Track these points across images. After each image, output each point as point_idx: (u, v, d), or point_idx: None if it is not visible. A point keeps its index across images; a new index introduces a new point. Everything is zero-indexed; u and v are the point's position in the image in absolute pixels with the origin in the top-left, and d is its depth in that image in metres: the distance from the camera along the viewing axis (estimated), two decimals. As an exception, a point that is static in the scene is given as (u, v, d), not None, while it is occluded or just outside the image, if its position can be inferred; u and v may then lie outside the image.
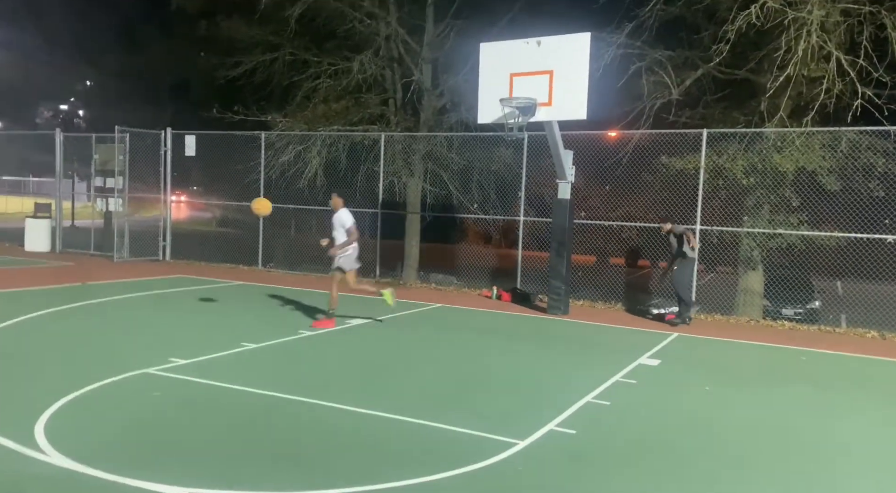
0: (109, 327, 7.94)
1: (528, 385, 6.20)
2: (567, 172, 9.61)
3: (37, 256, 15.18)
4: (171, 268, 14.23)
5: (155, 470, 3.87)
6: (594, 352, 7.81)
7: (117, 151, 14.72)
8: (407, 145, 14.92)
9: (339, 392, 5.55)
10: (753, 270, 12.17)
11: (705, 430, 5.18)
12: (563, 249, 9.95)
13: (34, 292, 10.23)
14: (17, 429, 4.40)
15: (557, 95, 8.54)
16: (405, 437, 4.68)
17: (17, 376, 5.75)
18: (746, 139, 11.27)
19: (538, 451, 4.50)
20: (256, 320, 8.94)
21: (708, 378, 6.77)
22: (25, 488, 3.67)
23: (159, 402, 5.24)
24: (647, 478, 4.15)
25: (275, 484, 3.78)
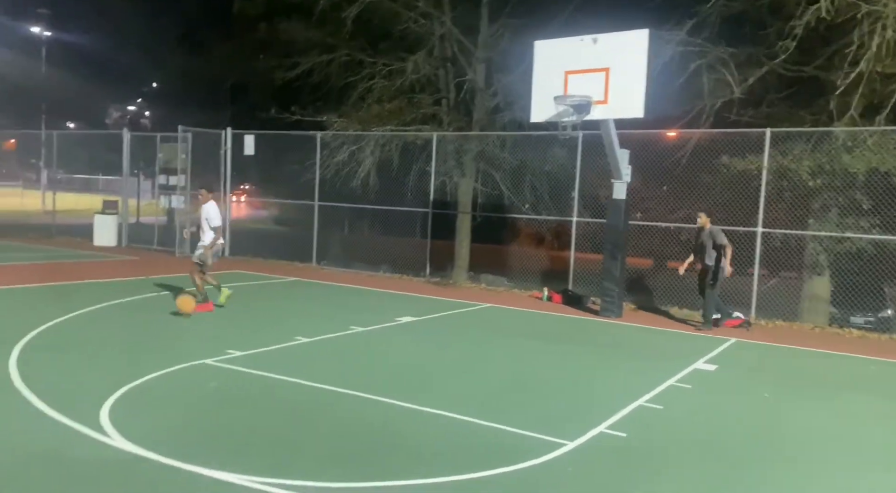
0: (169, 319, 8.22)
1: (578, 387, 6.10)
2: (623, 172, 9.42)
3: (104, 250, 15.87)
4: (229, 264, 14.64)
5: (211, 457, 3.97)
6: (648, 355, 7.63)
7: (179, 150, 15.26)
8: (459, 145, 14.92)
9: (390, 388, 5.59)
10: (819, 275, 11.65)
11: (762, 437, 4.98)
12: (618, 250, 9.76)
13: (101, 285, 10.69)
14: (84, 413, 4.60)
15: (614, 93, 8.37)
16: (455, 434, 4.67)
17: (85, 363, 6.01)
18: (813, 139, 10.80)
19: (587, 452, 4.41)
20: (309, 315, 9.10)
21: (767, 385, 6.51)
22: (93, 469, 3.82)
23: (216, 392, 5.38)
24: (698, 483, 4.02)
25: (327, 475, 3.82)
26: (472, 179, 15.10)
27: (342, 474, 3.89)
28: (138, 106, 34.08)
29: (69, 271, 12.05)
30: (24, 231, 18.30)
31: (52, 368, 5.77)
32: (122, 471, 3.80)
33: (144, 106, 33.61)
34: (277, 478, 3.73)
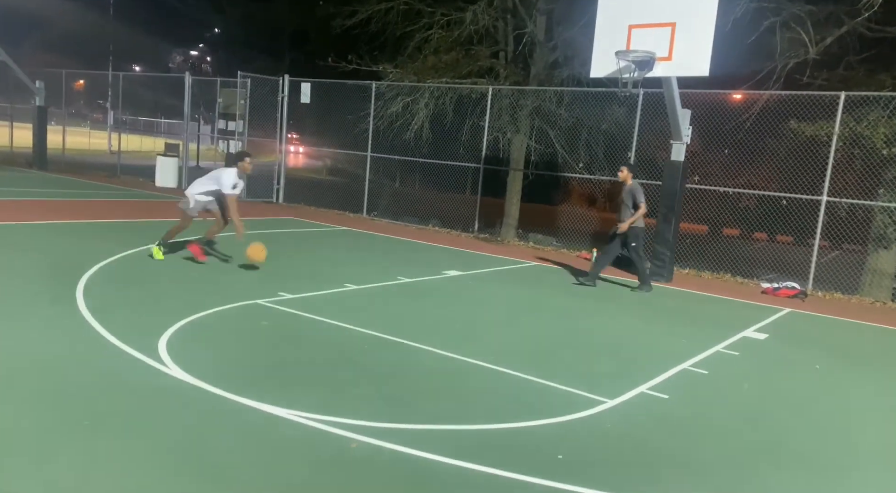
0: (224, 260, 8.51)
1: (623, 348, 6.09)
2: (683, 133, 9.12)
3: (165, 191, 16.43)
4: (283, 210, 14.98)
5: (261, 391, 4.17)
6: (696, 321, 7.53)
7: (238, 96, 15.50)
8: (515, 100, 14.66)
9: (436, 338, 5.70)
10: (886, 249, 11.16)
11: (808, 409, 4.90)
12: (672, 213, 9.54)
13: (162, 223, 11.11)
14: (143, 343, 4.87)
15: (679, 50, 8.04)
16: (497, 385, 4.76)
17: (145, 297, 6.32)
18: (893, 104, 10.19)
19: (627, 411, 4.44)
20: (359, 263, 9.28)
21: (819, 357, 6.36)
22: (151, 395, 4.06)
23: (267, 331, 5.60)
24: (736, 448, 4.01)
25: (374, 416, 3.96)
26: (526, 136, 14.87)
27: (389, 415, 4.02)
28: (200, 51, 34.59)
29: (132, 210, 12.55)
30: (92, 169, 19.08)
31: (115, 299, 6.09)
32: (177, 399, 4.02)
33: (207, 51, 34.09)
34: (325, 415, 3.89)
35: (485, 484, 3.29)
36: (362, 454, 3.48)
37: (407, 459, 3.47)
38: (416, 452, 3.53)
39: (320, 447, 3.54)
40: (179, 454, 3.37)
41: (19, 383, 4.04)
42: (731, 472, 3.69)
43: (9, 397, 3.82)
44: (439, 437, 3.77)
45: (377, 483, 3.23)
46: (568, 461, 3.59)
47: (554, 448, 3.74)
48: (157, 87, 21.55)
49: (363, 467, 3.36)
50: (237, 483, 3.12)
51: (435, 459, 3.48)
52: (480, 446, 3.71)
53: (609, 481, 3.41)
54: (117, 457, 3.25)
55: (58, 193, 14.09)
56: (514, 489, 3.28)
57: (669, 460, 3.78)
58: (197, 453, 3.39)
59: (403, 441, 3.63)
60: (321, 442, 3.60)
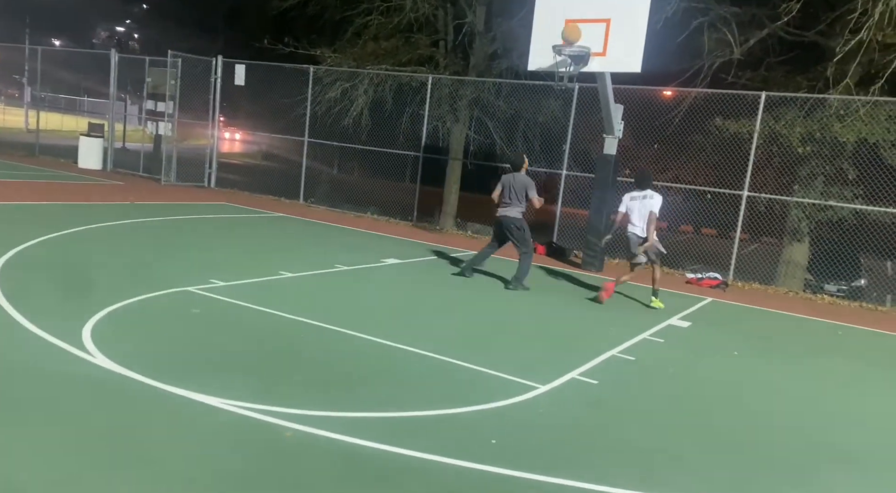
0: (154, 245, 8.23)
1: (554, 335, 6.26)
2: (615, 127, 9.41)
3: (89, 173, 15.68)
4: (215, 195, 14.56)
5: (193, 380, 4.08)
6: (624, 309, 7.81)
7: (169, 76, 14.91)
8: (454, 90, 14.71)
9: (370, 325, 5.71)
10: (799, 242, 11.87)
11: (728, 392, 5.20)
12: (604, 205, 9.83)
13: (85, 207, 10.62)
14: (66, 331, 4.67)
15: (613, 46, 8.27)
16: (432, 372, 4.82)
17: (68, 283, 6.05)
18: (807, 106, 10.81)
19: (559, 396, 4.59)
20: (295, 251, 9.16)
21: (737, 344, 6.73)
22: (75, 384, 3.92)
23: (199, 318, 5.47)
24: (664, 431, 4.21)
25: (309, 403, 3.95)
26: (465, 126, 14.97)
27: (323, 402, 4.02)
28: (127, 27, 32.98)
29: (53, 191, 11.93)
30: (7, 148, 17.97)
31: (34, 286, 5.81)
32: (104, 388, 3.90)
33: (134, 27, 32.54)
34: (259, 403, 3.85)
35: (420, 469, 3.35)
36: (297, 443, 3.48)
37: (342, 446, 3.48)
38: (351, 439, 3.55)
39: (254, 436, 3.51)
40: (108, 444, 3.28)
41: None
42: (659, 454, 3.88)
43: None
44: (375, 424, 3.81)
45: (312, 471, 3.24)
46: (501, 446, 3.69)
47: (488, 433, 3.83)
48: (80, 63, 20.48)
49: (298, 455, 3.36)
50: (169, 473, 3.06)
51: (370, 446, 3.51)
52: (415, 432, 3.76)
53: (542, 465, 3.52)
54: (39, 447, 3.13)
55: (-31, 173, 13.24)
56: (449, 474, 3.35)
57: (601, 443, 3.94)
58: (126, 443, 3.30)
59: (339, 429, 3.64)
60: (255, 431, 3.56)
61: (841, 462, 4.05)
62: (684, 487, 3.48)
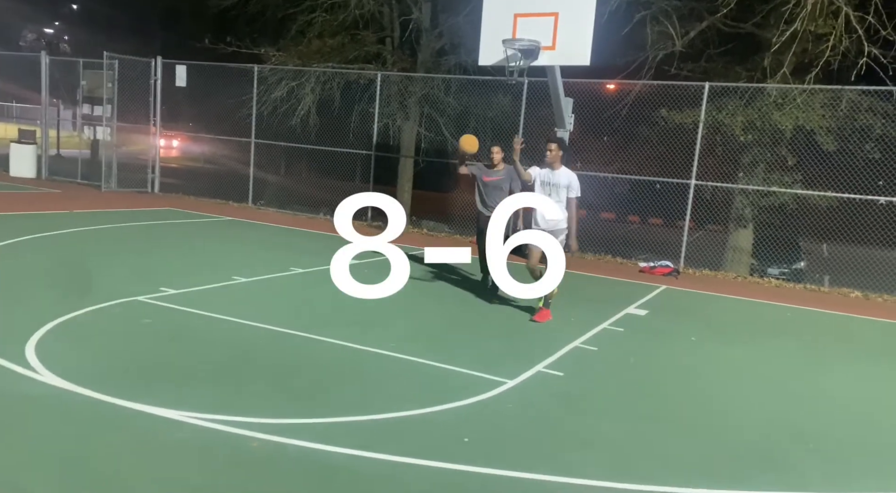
0: (98, 255, 7.87)
1: (516, 329, 6.26)
2: (566, 121, 9.48)
3: (22, 181, 14.92)
4: (159, 200, 14.08)
5: (149, 393, 3.90)
6: (582, 301, 7.89)
7: (105, 79, 14.31)
8: (403, 87, 14.61)
9: (331, 328, 5.59)
10: (744, 228, 12.25)
11: (689, 377, 5.30)
12: (558, 198, 9.90)
13: (21, 217, 10.09)
14: (8, 349, 4.40)
15: (562, 39, 8.31)
16: (398, 372, 4.74)
17: (6, 298, 5.72)
18: (748, 95, 11.15)
19: (527, 390, 4.58)
20: (247, 255, 8.90)
21: (694, 329, 6.88)
22: (21, 404, 3.68)
23: (150, 329, 5.24)
24: (631, 420, 4.25)
25: (269, 411, 3.82)
26: (416, 123, 14.88)
27: (288, 410, 3.90)
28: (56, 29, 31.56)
29: (-17, 204, 11.30)
30: (-71, 159, 16.94)
31: (-30, 303, 5.47)
32: (53, 406, 3.68)
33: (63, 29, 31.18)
34: (221, 414, 3.70)
35: (394, 474, 3.28)
36: (265, 453, 3.35)
37: (312, 454, 3.38)
38: (321, 446, 3.44)
39: (218, 449, 3.37)
40: (62, 465, 3.09)
41: None
42: (629, 443, 3.90)
43: None
44: (344, 429, 3.71)
45: (283, 482, 3.12)
46: (475, 444, 3.65)
47: (460, 432, 3.78)
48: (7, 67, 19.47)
49: (267, 466, 3.24)
50: (130, 492, 2.91)
51: (341, 452, 3.41)
52: (386, 435, 3.68)
53: (518, 461, 3.49)
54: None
55: None
56: (425, 476, 3.28)
57: (572, 435, 3.93)
58: (81, 463, 3.12)
59: (307, 437, 3.54)
60: (218, 443, 3.42)
61: (806, 443, 4.17)
62: (657, 476, 3.51)
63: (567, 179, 6.41)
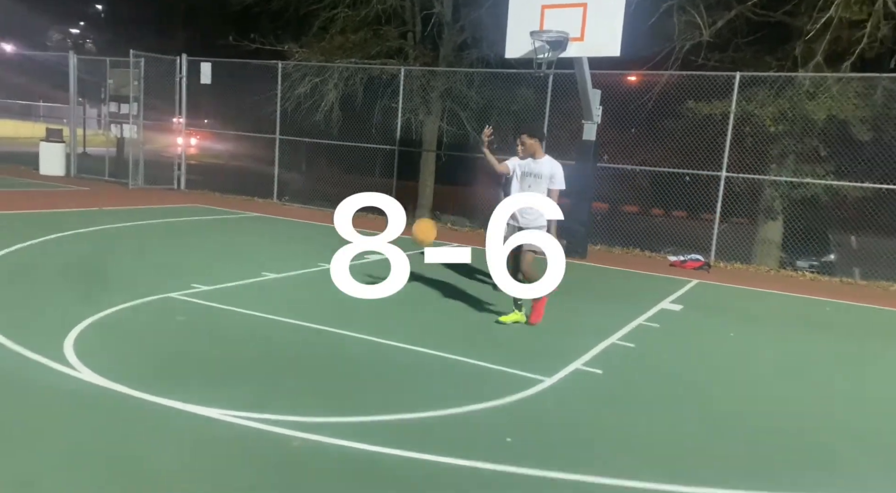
0: (129, 252, 7.94)
1: (550, 325, 6.18)
2: (594, 113, 9.36)
3: (52, 179, 15.12)
4: (186, 197, 14.18)
5: (186, 391, 3.89)
6: (615, 296, 7.79)
7: (132, 77, 14.43)
8: (426, 82, 14.54)
9: (364, 324, 5.55)
10: (773, 220, 12.01)
11: (732, 374, 5.18)
12: (586, 191, 9.79)
13: (54, 214, 10.22)
14: (47, 346, 4.43)
15: (590, 30, 8.20)
16: (434, 370, 4.69)
17: (44, 295, 5.77)
18: (778, 85, 10.91)
19: (565, 388, 4.50)
20: (275, 251, 8.92)
21: (732, 324, 6.74)
22: (61, 401, 3.70)
23: (184, 326, 5.25)
24: (675, 419, 4.16)
25: (306, 409, 3.80)
26: (438, 118, 14.80)
27: (325, 408, 3.87)
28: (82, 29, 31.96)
29: (17, 200, 11.46)
30: (-39, 159, 17.26)
31: (8, 299, 5.52)
32: (93, 404, 3.69)
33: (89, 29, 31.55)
34: (257, 412, 3.68)
35: (436, 473, 3.23)
36: (307, 453, 3.32)
37: (354, 454, 3.34)
38: (361, 446, 3.40)
39: (259, 448, 3.34)
40: (102, 463, 3.08)
41: None
42: (673, 443, 3.81)
43: None
44: (382, 428, 3.67)
45: (326, 482, 3.09)
46: (517, 444, 3.58)
47: (501, 431, 3.72)
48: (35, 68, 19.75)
49: (309, 465, 3.21)
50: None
51: (382, 452, 3.37)
52: (426, 434, 3.64)
53: (560, 461, 3.43)
54: (29, 471, 2.92)
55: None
56: (466, 476, 3.23)
57: (615, 435, 3.85)
58: (126, 462, 3.11)
59: (346, 435, 3.50)
60: (259, 442, 3.40)
61: (861, 443, 4.04)
62: (704, 477, 3.42)
63: (550, 169, 5.82)
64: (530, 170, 5.89)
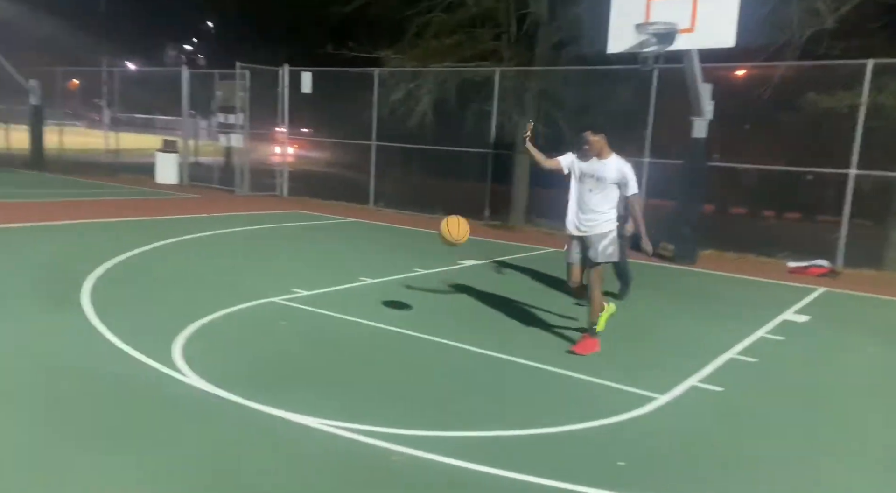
0: (234, 257, 8.19)
1: (662, 337, 5.77)
2: (705, 108, 8.76)
3: (166, 187, 16.06)
4: (288, 203, 14.63)
5: (286, 399, 3.84)
6: (731, 305, 7.20)
7: (238, 88, 15.08)
8: (520, 82, 14.26)
9: (462, 333, 5.37)
10: (911, 223, 10.82)
11: (870, 396, 4.59)
12: (696, 192, 9.19)
13: (167, 221, 10.78)
14: (156, 349, 4.54)
15: (702, 20, 7.66)
16: (539, 383, 4.44)
17: (155, 298, 5.99)
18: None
19: (682, 407, 4.12)
20: (370, 256, 8.94)
21: (869, 338, 6.04)
22: (170, 406, 3.74)
23: (286, 331, 5.28)
24: (805, 446, 3.69)
25: (403, 421, 3.65)
26: (533, 119, 14.48)
27: (425, 421, 3.71)
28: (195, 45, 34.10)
29: (134, 207, 12.20)
30: (90, 169, 18.68)
31: (123, 302, 5.76)
32: (198, 408, 3.71)
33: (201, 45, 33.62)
34: (357, 423, 3.57)
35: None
36: (407, 469, 3.16)
37: (457, 472, 3.15)
38: (464, 464, 3.21)
39: (359, 462, 3.22)
40: (209, 470, 3.06)
41: (21, 394, 3.71)
42: (804, 473, 3.38)
43: (8, 410, 3.50)
44: (485, 445, 3.46)
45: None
46: (631, 468, 3.27)
47: (612, 453, 3.42)
48: (153, 82, 21.14)
49: (410, 482, 3.05)
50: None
51: (486, 472, 3.15)
52: (532, 453, 3.39)
53: (679, 487, 3.09)
54: (136, 474, 2.93)
55: (57, 193, 13.73)
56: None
57: (737, 460, 3.46)
58: (229, 470, 3.07)
59: (447, 451, 3.31)
60: (358, 454, 3.28)
61: None
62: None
63: (618, 172, 5.00)
64: (592, 171, 5.08)
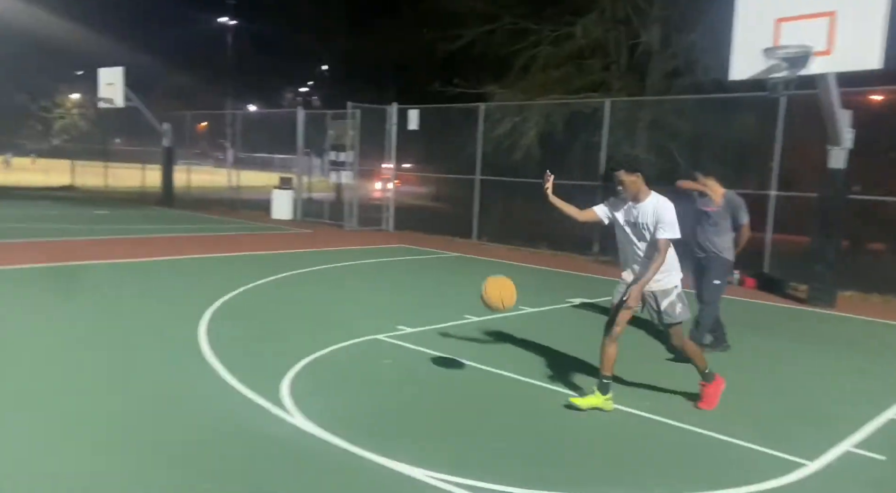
0: (341, 291, 8.26)
1: (803, 392, 5.12)
2: (843, 137, 7.97)
3: (281, 222, 16.78)
4: (393, 237, 14.81)
5: (389, 444, 3.67)
6: (882, 355, 6.35)
7: (349, 127, 15.59)
8: (630, 113, 13.79)
9: (574, 379, 5.01)
10: None
11: None
12: (833, 227, 8.33)
13: (280, 256, 11.16)
14: (265, 386, 4.52)
15: (841, 42, 6.99)
16: (662, 440, 4.01)
17: (266, 334, 6.07)
18: None
19: (837, 478, 3.55)
20: (475, 292, 8.71)
21: None
22: (274, 448, 3.66)
23: (391, 370, 5.16)
24: None
25: (518, 478, 3.35)
26: (645, 150, 13.93)
27: (537, 479, 3.39)
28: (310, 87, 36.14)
29: (251, 242, 12.76)
30: (214, 205, 19.96)
31: (236, 336, 5.87)
32: (299, 451, 3.61)
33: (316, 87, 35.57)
34: (466, 478, 3.32)
35: None
36: (520, 536, 2.87)
37: (575, 544, 2.82)
38: (584, 534, 2.87)
39: (467, 523, 2.96)
40: (307, 528, 2.91)
41: (133, 427, 3.76)
42: None
43: (117, 445, 3.54)
44: (607, 512, 3.10)
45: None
46: (784, 553, 2.80)
47: (759, 532, 2.96)
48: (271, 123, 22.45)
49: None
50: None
51: (610, 545, 2.80)
52: (662, 526, 2.99)
53: None
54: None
55: (182, 228, 14.66)
56: None
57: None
58: (327, 527, 2.91)
59: (565, 517, 2.99)
60: (467, 516, 3.02)
61: None
62: None
63: (654, 213, 4.24)
64: (630, 217, 4.35)
